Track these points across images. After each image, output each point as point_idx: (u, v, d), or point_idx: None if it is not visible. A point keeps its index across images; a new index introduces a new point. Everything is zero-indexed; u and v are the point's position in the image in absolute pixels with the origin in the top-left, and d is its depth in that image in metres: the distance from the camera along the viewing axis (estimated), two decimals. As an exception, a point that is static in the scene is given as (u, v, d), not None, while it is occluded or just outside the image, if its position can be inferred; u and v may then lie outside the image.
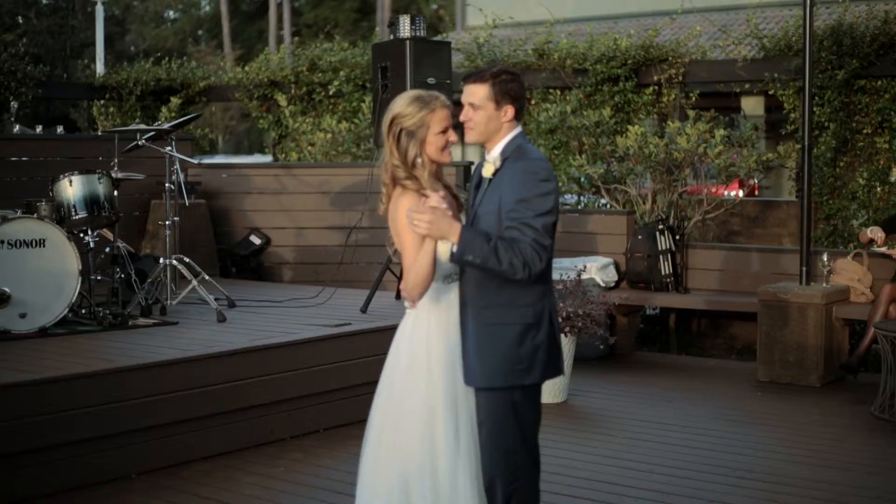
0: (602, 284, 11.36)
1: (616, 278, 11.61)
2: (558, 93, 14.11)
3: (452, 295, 4.83)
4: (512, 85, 4.72)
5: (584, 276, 10.64)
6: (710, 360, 11.73)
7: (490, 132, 4.75)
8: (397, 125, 4.77)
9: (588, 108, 13.61)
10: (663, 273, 11.36)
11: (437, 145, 4.77)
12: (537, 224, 4.54)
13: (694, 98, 13.31)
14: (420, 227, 4.54)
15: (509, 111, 4.72)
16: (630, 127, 12.55)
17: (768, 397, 9.54)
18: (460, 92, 4.84)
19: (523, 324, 4.67)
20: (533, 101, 14.28)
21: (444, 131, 4.78)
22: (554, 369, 4.78)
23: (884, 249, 10.07)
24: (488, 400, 4.75)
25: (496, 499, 4.79)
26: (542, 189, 4.58)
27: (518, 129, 4.78)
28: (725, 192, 13.23)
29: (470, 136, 4.78)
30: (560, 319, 9.13)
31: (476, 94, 4.73)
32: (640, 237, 11.45)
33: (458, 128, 4.85)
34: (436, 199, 4.55)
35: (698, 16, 16.18)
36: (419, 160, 4.76)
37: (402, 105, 4.79)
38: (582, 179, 13.52)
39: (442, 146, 4.78)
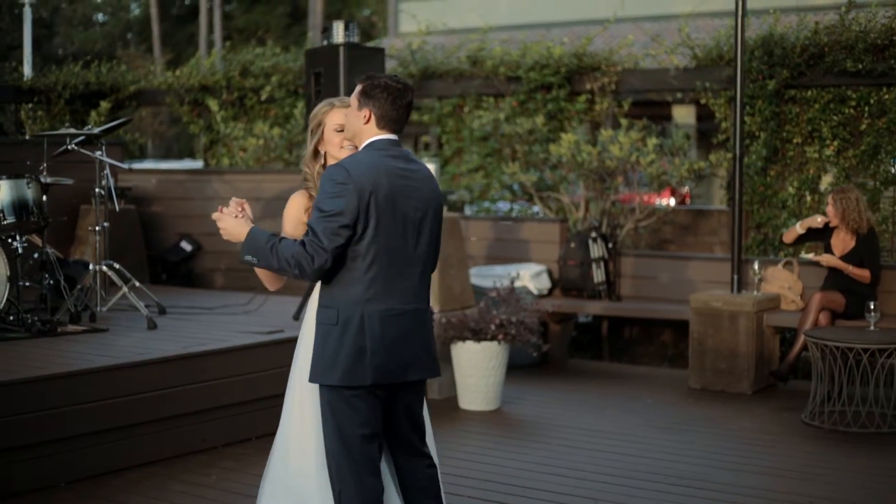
0: (535, 292, 11.38)
1: (549, 286, 11.65)
2: (492, 100, 14.13)
3: None
4: (375, 91, 4.83)
5: (518, 284, 10.67)
6: (643, 367, 11.81)
7: (353, 132, 4.92)
8: (310, 125, 5.17)
9: (521, 116, 13.63)
10: (596, 281, 11.41)
11: (334, 142, 5.06)
12: (318, 226, 4.63)
13: (626, 106, 13.37)
14: (223, 234, 4.84)
15: (367, 115, 4.83)
16: (563, 135, 12.59)
17: (700, 404, 9.60)
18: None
19: (328, 324, 4.75)
20: (466, 109, 14.29)
21: (341, 129, 5.04)
22: (359, 376, 4.70)
23: (811, 256, 10.17)
24: (319, 395, 4.86)
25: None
26: (332, 191, 4.66)
27: (378, 137, 4.85)
28: (657, 201, 13.30)
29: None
30: (493, 327, 9.14)
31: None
32: (572, 245, 11.48)
33: None
34: (232, 204, 4.88)
35: (631, 24, 16.30)
36: (319, 155, 5.13)
37: (315, 108, 5.18)
38: (515, 187, 13.55)
39: (339, 143, 5.04)
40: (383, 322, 4.72)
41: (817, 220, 9.97)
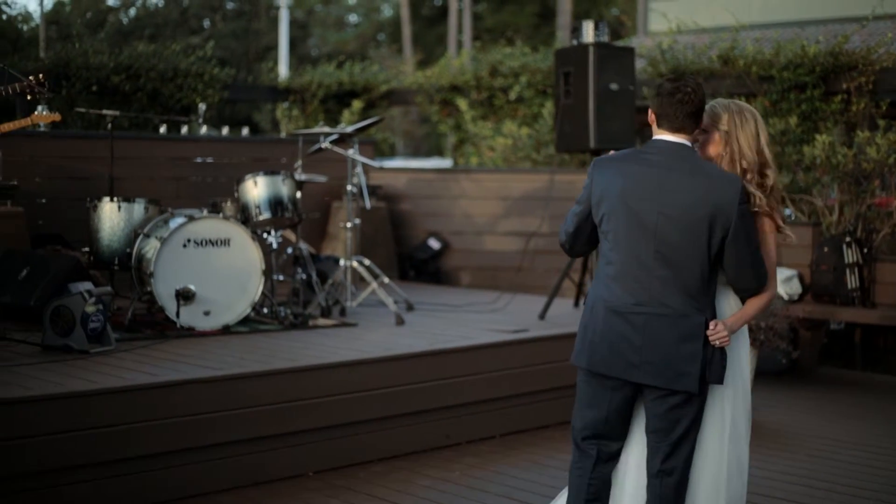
0: (785, 297, 11.12)
1: (800, 291, 11.35)
2: (743, 99, 13.82)
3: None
4: (657, 92, 4.94)
5: (767, 288, 10.40)
6: (898, 378, 11.40)
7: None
8: None
9: (774, 116, 13.32)
10: (849, 287, 11.07)
11: None
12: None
13: (884, 107, 12.93)
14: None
15: (651, 115, 4.97)
16: (817, 136, 12.24)
17: (959, 418, 9.22)
18: (643, 98, 4.89)
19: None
20: (717, 109, 14.03)
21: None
22: (581, 358, 4.94)
23: None
24: None
25: None
26: (585, 182, 5.01)
27: (656, 137, 4.95)
28: (917, 205, 12.80)
29: None
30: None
31: None
32: (825, 249, 11.17)
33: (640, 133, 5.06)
34: None
35: (890, 22, 15.72)
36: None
37: None
38: (766, 189, 13.22)
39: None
40: (608, 315, 4.84)
41: None
